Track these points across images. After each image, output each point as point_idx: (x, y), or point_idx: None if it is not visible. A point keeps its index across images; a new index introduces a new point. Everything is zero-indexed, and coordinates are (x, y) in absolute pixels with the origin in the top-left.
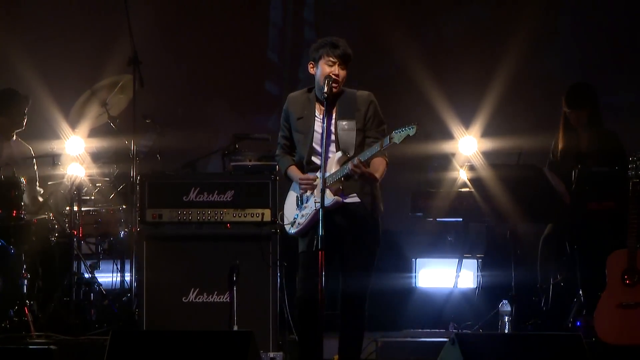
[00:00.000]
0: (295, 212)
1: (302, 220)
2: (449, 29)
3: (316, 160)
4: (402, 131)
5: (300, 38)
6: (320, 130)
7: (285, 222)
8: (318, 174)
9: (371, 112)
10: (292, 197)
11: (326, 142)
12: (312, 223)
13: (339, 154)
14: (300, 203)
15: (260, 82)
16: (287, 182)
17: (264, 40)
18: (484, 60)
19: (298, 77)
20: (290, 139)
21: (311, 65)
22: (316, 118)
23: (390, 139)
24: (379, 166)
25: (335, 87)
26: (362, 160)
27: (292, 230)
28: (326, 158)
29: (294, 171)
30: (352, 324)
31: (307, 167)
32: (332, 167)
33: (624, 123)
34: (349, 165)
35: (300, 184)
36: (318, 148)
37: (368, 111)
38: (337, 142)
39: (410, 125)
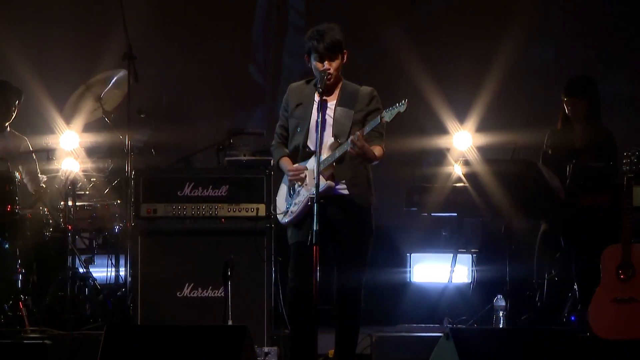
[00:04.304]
0: (287, 202)
1: (294, 209)
2: (443, 23)
3: (312, 145)
4: (393, 109)
5: (285, 23)
6: (319, 117)
7: (278, 211)
8: (311, 162)
9: (373, 106)
10: (283, 188)
11: (322, 129)
12: (305, 211)
13: (332, 139)
14: (292, 192)
15: (247, 74)
16: (282, 175)
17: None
18: (479, 55)
19: (282, 63)
20: (287, 129)
21: (307, 58)
22: (315, 104)
23: (381, 118)
24: (376, 152)
25: (329, 80)
26: (364, 133)
27: (285, 220)
28: (321, 144)
29: (285, 162)
30: (347, 318)
31: (303, 151)
32: (325, 153)
33: (618, 114)
34: (350, 138)
35: (288, 175)
36: (313, 134)
37: (370, 105)
38: (333, 127)
39: (400, 102)
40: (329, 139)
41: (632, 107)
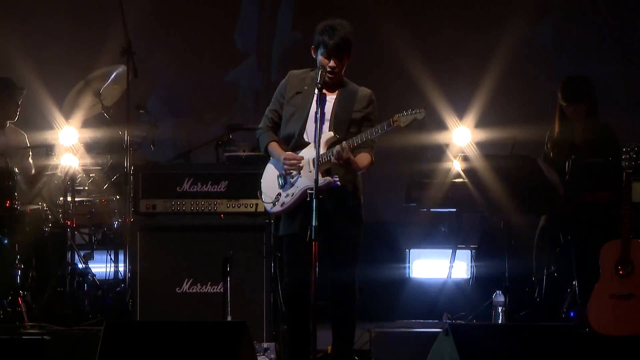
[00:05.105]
0: (277, 190)
1: (287, 200)
2: (442, 19)
3: (307, 136)
4: (409, 115)
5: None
6: (317, 108)
7: (266, 200)
8: (304, 152)
9: (370, 111)
10: (271, 174)
11: (321, 121)
12: (299, 203)
13: (330, 134)
14: (284, 181)
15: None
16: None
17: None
18: (478, 51)
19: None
20: (280, 115)
21: (313, 49)
22: (315, 95)
23: (394, 121)
24: (363, 160)
25: (331, 78)
26: (356, 143)
27: (274, 209)
28: (319, 137)
29: (276, 148)
30: (343, 312)
31: (298, 140)
32: (320, 148)
33: (616, 98)
34: (336, 148)
35: (284, 163)
36: (311, 125)
37: (368, 108)
38: (331, 122)
39: (418, 110)
40: (326, 132)
41: (629, 88)
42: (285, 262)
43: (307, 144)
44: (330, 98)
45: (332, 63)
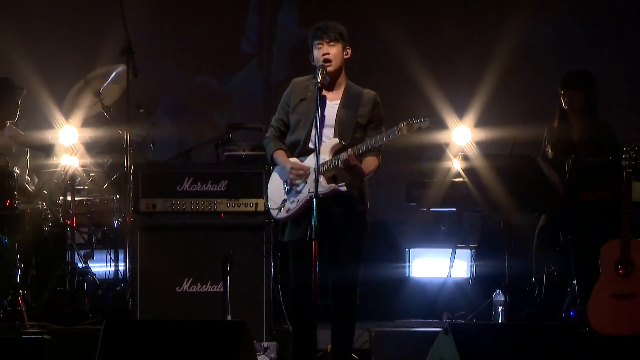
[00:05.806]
0: (283, 197)
1: (292, 206)
2: (442, 18)
3: (311, 144)
4: (414, 123)
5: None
6: (322, 114)
7: (273, 206)
8: (310, 159)
9: (375, 113)
10: (277, 180)
11: (322, 126)
12: (304, 210)
13: (335, 140)
14: (289, 188)
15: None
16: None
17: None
18: (478, 51)
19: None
20: (286, 123)
21: (311, 56)
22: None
23: (399, 130)
24: (370, 165)
25: (328, 66)
26: (361, 151)
27: (280, 215)
28: (321, 143)
29: (282, 156)
30: (343, 314)
31: (303, 147)
32: (326, 154)
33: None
34: (342, 156)
35: (290, 173)
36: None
37: (373, 111)
38: (335, 127)
39: (423, 118)
40: (330, 138)
41: (630, 87)
42: (291, 267)
43: (313, 150)
44: (334, 103)
45: (324, 49)
